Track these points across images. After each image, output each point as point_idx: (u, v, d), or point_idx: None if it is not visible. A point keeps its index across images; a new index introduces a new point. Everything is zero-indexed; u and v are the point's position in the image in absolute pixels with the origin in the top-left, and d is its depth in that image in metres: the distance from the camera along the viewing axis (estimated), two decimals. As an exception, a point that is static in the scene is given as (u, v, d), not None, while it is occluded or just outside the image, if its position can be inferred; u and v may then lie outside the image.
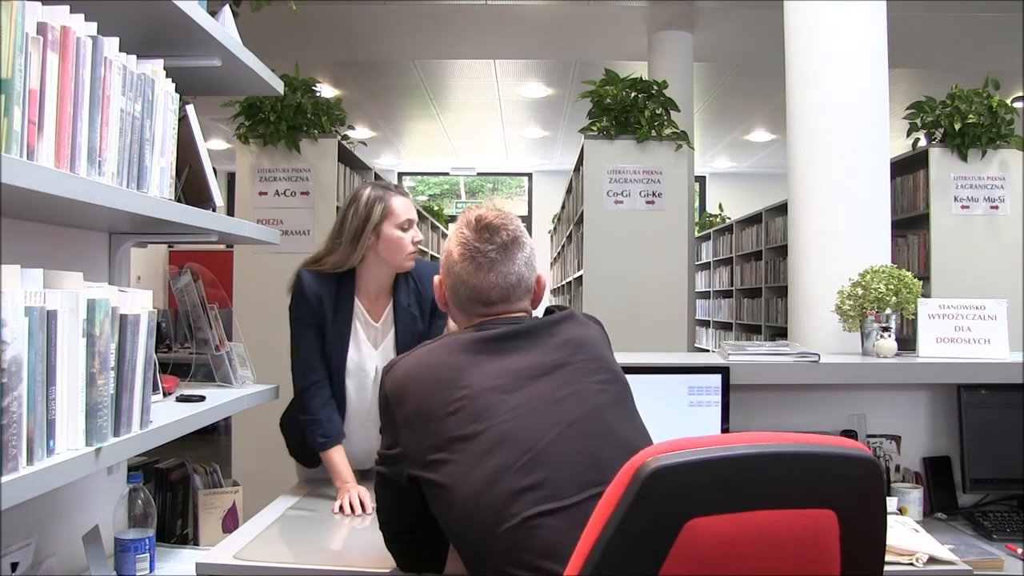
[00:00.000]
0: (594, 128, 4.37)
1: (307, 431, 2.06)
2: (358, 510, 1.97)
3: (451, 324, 1.81)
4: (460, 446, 1.25)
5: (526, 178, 12.86)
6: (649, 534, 0.89)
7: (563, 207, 7.13)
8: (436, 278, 1.50)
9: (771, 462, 0.94)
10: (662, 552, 0.89)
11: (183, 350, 4.25)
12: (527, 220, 12.34)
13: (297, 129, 4.23)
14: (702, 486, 0.91)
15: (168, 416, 1.42)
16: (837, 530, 0.95)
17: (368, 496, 1.99)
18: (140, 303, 1.30)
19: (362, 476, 2.16)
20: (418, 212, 2.36)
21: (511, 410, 1.26)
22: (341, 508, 1.98)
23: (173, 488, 1.97)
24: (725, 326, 9.06)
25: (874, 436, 2.20)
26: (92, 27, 1.21)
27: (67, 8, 1.15)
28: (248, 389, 1.92)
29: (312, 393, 2.08)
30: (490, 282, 1.41)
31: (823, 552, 0.95)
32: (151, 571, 1.67)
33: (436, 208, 9.74)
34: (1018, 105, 4.61)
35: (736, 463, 0.92)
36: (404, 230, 2.07)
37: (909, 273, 2.50)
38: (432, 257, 8.45)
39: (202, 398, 1.66)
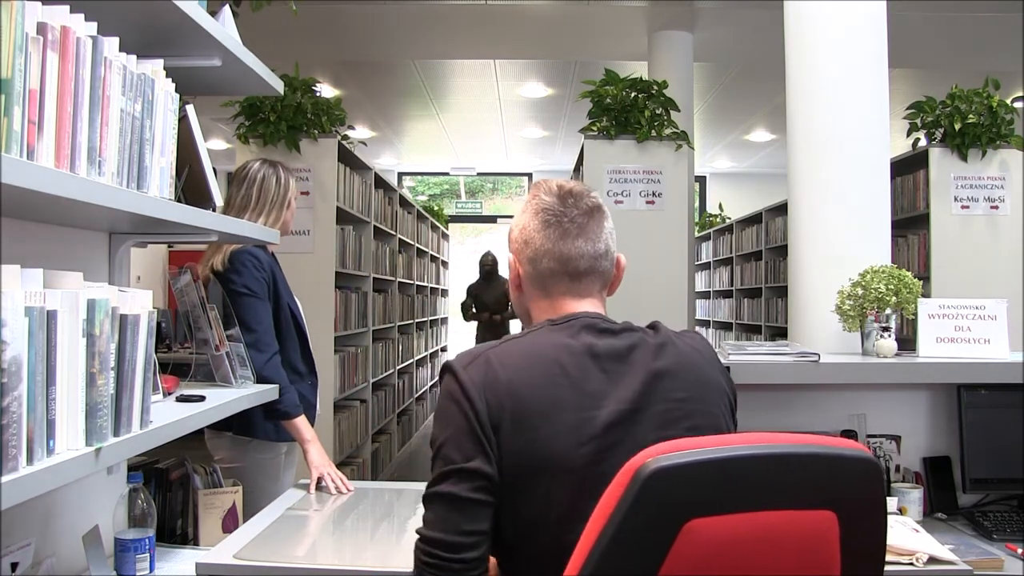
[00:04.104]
0: (594, 128, 4.37)
1: (284, 395, 2.20)
2: (343, 489, 2.17)
3: None
4: (547, 469, 1.13)
5: (526, 178, 12.86)
6: (649, 534, 0.90)
7: (563, 207, 7.12)
8: (510, 258, 1.36)
9: (771, 463, 0.93)
10: (661, 552, 0.89)
11: (183, 350, 4.25)
12: (527, 220, 12.33)
13: (297, 129, 4.23)
14: (702, 487, 0.91)
15: (168, 416, 1.42)
16: (837, 531, 0.95)
17: (345, 478, 2.22)
18: (140, 303, 1.29)
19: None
20: (418, 212, 2.55)
21: (585, 444, 1.13)
22: (318, 487, 2.17)
23: (173, 488, 1.97)
24: (725, 326, 9.05)
25: (874, 436, 2.20)
26: (92, 27, 1.21)
27: (67, 8, 1.14)
28: (248, 389, 1.92)
29: (277, 360, 2.27)
30: (579, 248, 1.27)
31: (823, 553, 0.95)
32: (151, 571, 1.67)
33: (436, 208, 9.73)
34: (1018, 105, 4.61)
35: (736, 464, 0.92)
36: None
37: (909, 273, 2.50)
38: (432, 257, 8.45)
39: (202, 398, 1.66)
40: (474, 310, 8.06)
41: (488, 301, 7.97)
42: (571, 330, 1.23)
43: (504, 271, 7.24)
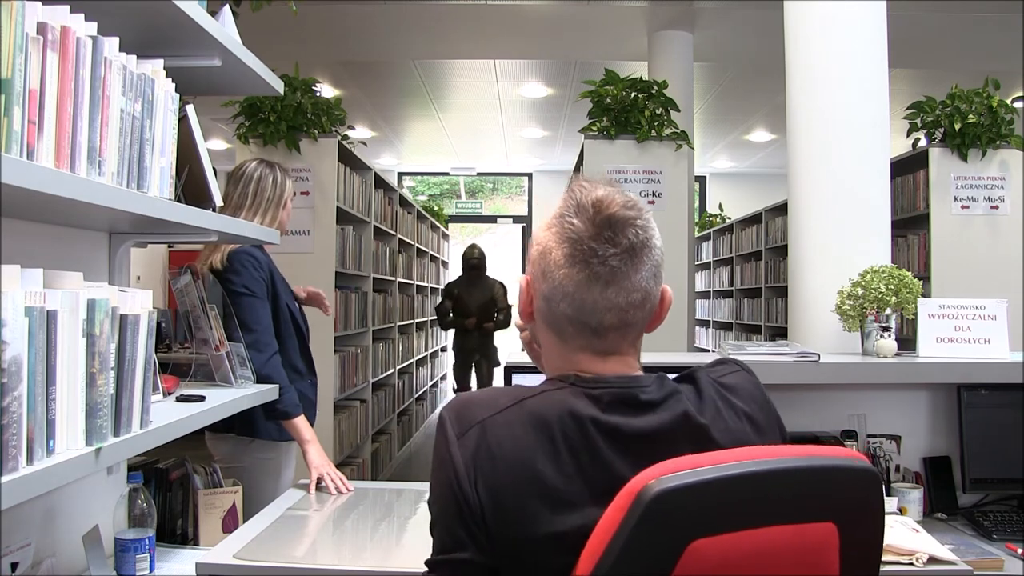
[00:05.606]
0: (594, 128, 4.37)
1: (284, 395, 2.20)
2: (343, 489, 2.18)
3: None
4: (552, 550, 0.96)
5: (526, 178, 12.86)
6: (651, 557, 0.88)
7: (563, 207, 7.09)
8: (522, 279, 1.11)
9: (774, 479, 0.92)
10: (665, 575, 0.88)
11: (183, 350, 4.25)
12: (527, 220, 12.35)
13: (297, 129, 4.23)
14: (705, 507, 0.90)
15: (168, 416, 1.42)
16: (837, 541, 0.94)
17: (344, 478, 2.22)
18: (140, 303, 1.30)
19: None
20: (418, 212, 2.58)
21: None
22: (318, 487, 2.18)
23: (173, 488, 1.97)
24: (725, 326, 9.06)
25: (874, 436, 2.20)
26: (92, 27, 1.21)
27: (67, 8, 1.15)
28: (248, 389, 1.92)
29: (277, 359, 2.27)
30: (608, 300, 1.01)
31: (822, 563, 0.94)
32: (151, 571, 1.67)
33: (436, 208, 9.74)
34: (1018, 105, 4.61)
35: (739, 482, 0.91)
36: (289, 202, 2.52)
37: (909, 273, 2.50)
38: (432, 257, 8.45)
39: (202, 398, 1.66)
40: (452, 316, 6.71)
41: (471, 305, 6.63)
42: (599, 403, 0.99)
43: (491, 271, 6.99)
